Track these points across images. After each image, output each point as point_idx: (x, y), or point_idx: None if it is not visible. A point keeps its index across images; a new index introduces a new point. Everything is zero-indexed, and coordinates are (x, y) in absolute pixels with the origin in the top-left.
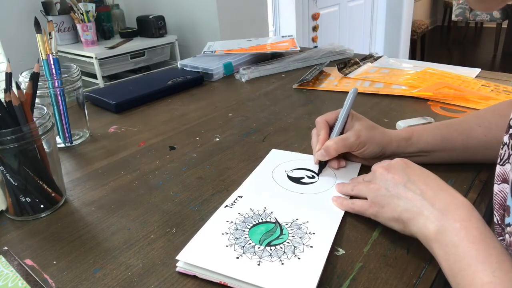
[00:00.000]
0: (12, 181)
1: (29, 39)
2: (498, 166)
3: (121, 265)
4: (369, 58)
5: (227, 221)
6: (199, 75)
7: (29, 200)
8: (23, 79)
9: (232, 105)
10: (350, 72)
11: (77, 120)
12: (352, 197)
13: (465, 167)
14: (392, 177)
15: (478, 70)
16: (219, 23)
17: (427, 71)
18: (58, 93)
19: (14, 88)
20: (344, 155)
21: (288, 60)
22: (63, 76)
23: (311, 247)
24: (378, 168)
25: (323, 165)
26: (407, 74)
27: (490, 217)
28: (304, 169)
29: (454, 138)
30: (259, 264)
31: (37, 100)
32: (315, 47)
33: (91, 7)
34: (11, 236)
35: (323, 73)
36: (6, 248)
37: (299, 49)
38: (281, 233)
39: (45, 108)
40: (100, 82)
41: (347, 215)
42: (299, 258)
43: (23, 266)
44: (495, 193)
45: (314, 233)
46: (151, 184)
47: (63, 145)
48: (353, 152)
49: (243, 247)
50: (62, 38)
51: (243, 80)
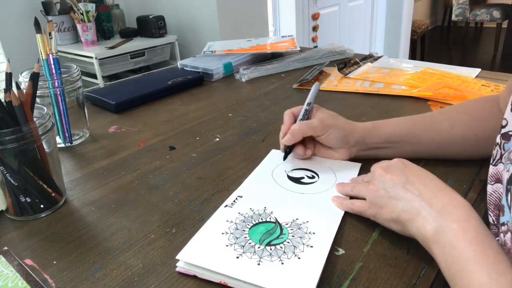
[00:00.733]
0: (12, 181)
1: (29, 39)
2: (491, 167)
3: (121, 265)
4: (369, 58)
5: (227, 220)
6: (199, 75)
7: (29, 200)
8: (23, 79)
9: (232, 105)
10: (350, 72)
11: (77, 120)
12: (352, 197)
13: (465, 167)
14: (390, 178)
15: (478, 70)
16: (219, 23)
17: (427, 71)
18: (58, 93)
19: (14, 88)
20: (314, 148)
21: (288, 60)
22: (63, 76)
23: (311, 246)
24: (377, 169)
25: (288, 152)
26: (407, 74)
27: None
28: (304, 169)
29: (419, 131)
30: (259, 264)
31: (37, 100)
32: (315, 47)
33: (91, 7)
34: (11, 236)
35: (323, 73)
36: (6, 248)
37: (299, 49)
38: (281, 232)
39: (45, 108)
40: (100, 82)
41: (347, 215)
42: (299, 258)
43: (23, 266)
44: (489, 193)
45: (314, 233)
46: (151, 184)
47: (63, 145)
48: (318, 139)
49: (243, 246)
50: (62, 38)
51: (243, 80)
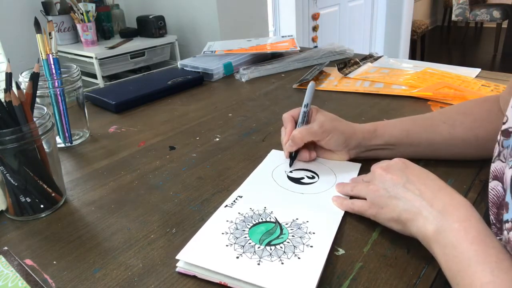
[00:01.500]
0: (12, 181)
1: (29, 39)
2: (492, 164)
3: (121, 265)
4: (369, 58)
5: (227, 220)
6: (199, 75)
7: (29, 200)
8: (23, 79)
9: (232, 105)
10: (350, 72)
11: (77, 120)
12: (352, 197)
13: (465, 167)
14: (391, 177)
15: (478, 70)
16: (219, 23)
17: (427, 71)
18: (58, 93)
19: (14, 88)
20: (314, 149)
21: (288, 60)
22: (63, 76)
23: (311, 246)
24: (377, 169)
25: (293, 157)
26: (407, 74)
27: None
28: (304, 169)
29: (419, 133)
30: (259, 264)
31: (37, 100)
32: (315, 47)
33: (91, 7)
34: (11, 236)
35: (323, 73)
36: (6, 248)
37: (299, 49)
38: (281, 232)
39: (45, 108)
40: (100, 82)
41: (347, 215)
42: (299, 258)
43: (23, 266)
44: (489, 191)
45: (314, 233)
46: (151, 184)
47: (63, 145)
48: (319, 143)
49: (243, 246)
50: (62, 38)
51: (243, 80)
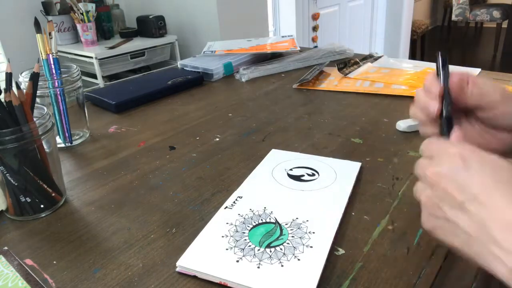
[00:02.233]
0: (12, 181)
1: (29, 39)
2: None
3: (121, 265)
4: (369, 58)
5: (227, 223)
6: (199, 75)
7: (29, 200)
8: (23, 79)
9: (232, 105)
10: (350, 72)
11: (77, 120)
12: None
13: None
14: (444, 192)
15: (478, 70)
16: (219, 23)
17: (427, 71)
18: (58, 93)
19: (14, 88)
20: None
21: (288, 60)
22: (63, 76)
23: (311, 247)
24: (427, 171)
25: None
26: (407, 74)
27: None
28: (304, 167)
29: None
30: (258, 267)
31: (37, 100)
32: (315, 47)
33: (91, 7)
34: (11, 236)
35: (323, 73)
36: (6, 248)
37: (299, 49)
38: (281, 233)
39: (45, 108)
40: (100, 82)
41: (347, 214)
42: (298, 260)
43: (23, 266)
44: None
45: (314, 233)
46: (151, 184)
47: (63, 145)
48: (489, 114)
49: (243, 249)
50: (62, 38)
51: (243, 80)
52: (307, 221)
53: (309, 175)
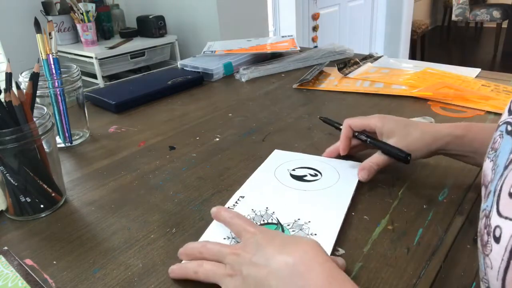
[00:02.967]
0: (12, 181)
1: (29, 39)
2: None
3: (121, 265)
4: (369, 58)
5: None
6: (199, 75)
7: (29, 200)
8: (23, 79)
9: (232, 105)
10: (350, 72)
11: (77, 120)
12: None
13: (465, 167)
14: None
15: (478, 70)
16: (219, 23)
17: (427, 71)
18: (58, 93)
19: (14, 88)
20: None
21: (288, 60)
22: (63, 76)
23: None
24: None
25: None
26: (407, 74)
27: None
28: (307, 167)
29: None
30: None
31: (37, 100)
32: (315, 47)
33: (91, 7)
34: (11, 236)
35: (323, 73)
36: (6, 248)
37: (299, 49)
38: None
39: (45, 108)
40: (100, 82)
41: (348, 213)
42: None
43: (23, 266)
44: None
45: (315, 234)
46: (151, 184)
47: (63, 145)
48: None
49: None
50: (62, 38)
51: (243, 80)
52: (309, 222)
53: (311, 175)
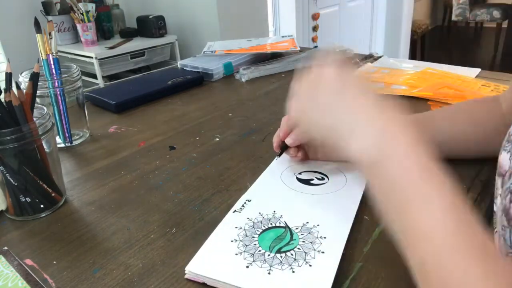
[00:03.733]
0: (12, 181)
1: (29, 39)
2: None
3: (121, 265)
4: (369, 58)
5: (236, 227)
6: (199, 75)
7: (29, 200)
8: (23, 79)
9: (232, 105)
10: None
11: (77, 120)
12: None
13: (465, 166)
14: (319, 88)
15: (478, 70)
16: (219, 23)
17: (427, 71)
18: (58, 93)
19: (14, 88)
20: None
21: (288, 60)
22: (63, 76)
23: (323, 252)
24: (304, 82)
25: (284, 148)
26: (407, 74)
27: (490, 216)
28: (313, 171)
29: (420, 131)
30: (269, 273)
31: (37, 100)
32: (315, 47)
33: (91, 7)
34: (11, 236)
35: None
36: (6, 248)
37: (299, 49)
38: (291, 238)
39: (45, 108)
40: (100, 82)
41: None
42: (310, 266)
43: (23, 266)
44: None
45: (325, 237)
46: (151, 184)
47: (63, 145)
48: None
49: (253, 255)
50: (62, 38)
51: (243, 80)
52: (318, 225)
53: (318, 179)
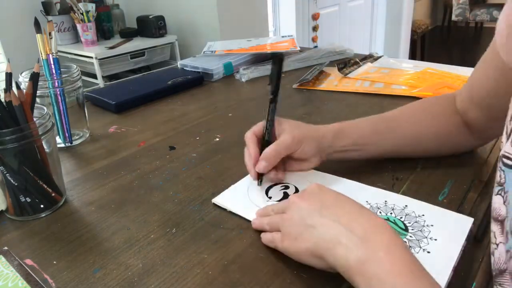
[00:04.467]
0: (12, 181)
1: (29, 39)
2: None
3: (121, 265)
4: (369, 58)
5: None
6: (199, 75)
7: (29, 200)
8: (23, 79)
9: (232, 105)
10: (350, 72)
11: (77, 120)
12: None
13: (465, 167)
14: (305, 204)
15: None
16: (219, 23)
17: (427, 71)
18: (58, 93)
19: (14, 88)
20: (284, 163)
21: (288, 60)
22: (63, 76)
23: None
24: (292, 197)
25: (261, 176)
26: (407, 74)
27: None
28: (282, 184)
29: (383, 133)
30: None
31: (37, 100)
32: (315, 47)
33: (91, 7)
34: (11, 236)
35: (323, 73)
36: (6, 248)
37: (299, 49)
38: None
39: (45, 108)
40: (100, 82)
41: None
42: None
43: (23, 266)
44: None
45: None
46: (151, 184)
47: (63, 145)
48: (294, 155)
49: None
50: (62, 38)
51: (243, 80)
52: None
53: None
